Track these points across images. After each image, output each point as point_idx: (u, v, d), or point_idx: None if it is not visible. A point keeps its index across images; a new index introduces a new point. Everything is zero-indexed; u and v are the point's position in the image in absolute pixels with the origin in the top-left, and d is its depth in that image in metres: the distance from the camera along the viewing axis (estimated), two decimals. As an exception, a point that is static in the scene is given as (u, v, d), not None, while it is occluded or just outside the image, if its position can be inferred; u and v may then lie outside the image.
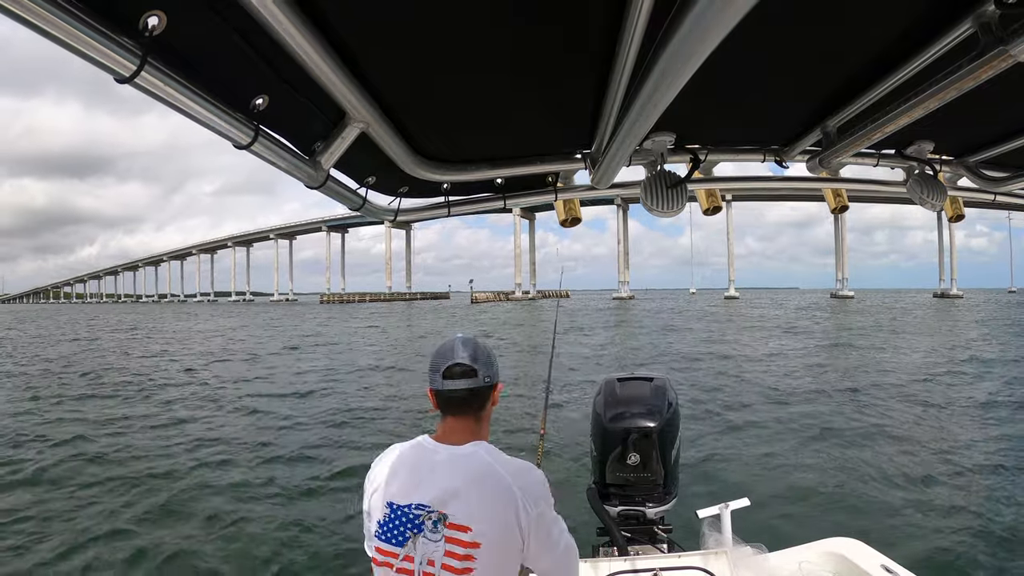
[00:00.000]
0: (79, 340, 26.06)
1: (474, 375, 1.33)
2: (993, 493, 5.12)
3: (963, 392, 9.85)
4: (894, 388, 10.12)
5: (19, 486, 5.86)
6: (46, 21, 0.74)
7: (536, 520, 1.28)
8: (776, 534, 2.85)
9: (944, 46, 1.15)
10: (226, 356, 18.50)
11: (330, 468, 6.36)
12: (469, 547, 1.24)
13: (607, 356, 16.11)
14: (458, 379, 1.33)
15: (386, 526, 1.30)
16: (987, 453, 6.29)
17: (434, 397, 1.37)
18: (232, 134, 1.14)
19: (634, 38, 0.98)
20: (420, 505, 1.28)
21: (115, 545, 4.48)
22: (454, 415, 1.36)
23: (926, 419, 7.91)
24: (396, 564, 1.28)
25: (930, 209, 1.83)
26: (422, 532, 1.26)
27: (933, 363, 13.19)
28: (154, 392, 11.60)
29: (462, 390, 1.33)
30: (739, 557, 2.24)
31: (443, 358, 1.34)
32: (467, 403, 1.35)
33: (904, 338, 20.07)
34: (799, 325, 27.16)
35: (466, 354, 1.34)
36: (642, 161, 1.69)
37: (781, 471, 5.86)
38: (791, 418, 8.02)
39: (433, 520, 1.26)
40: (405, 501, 1.30)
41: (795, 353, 15.08)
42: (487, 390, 1.36)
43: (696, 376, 11.90)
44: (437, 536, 1.25)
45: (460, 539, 1.24)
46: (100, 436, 7.81)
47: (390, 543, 1.29)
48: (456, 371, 1.33)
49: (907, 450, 6.45)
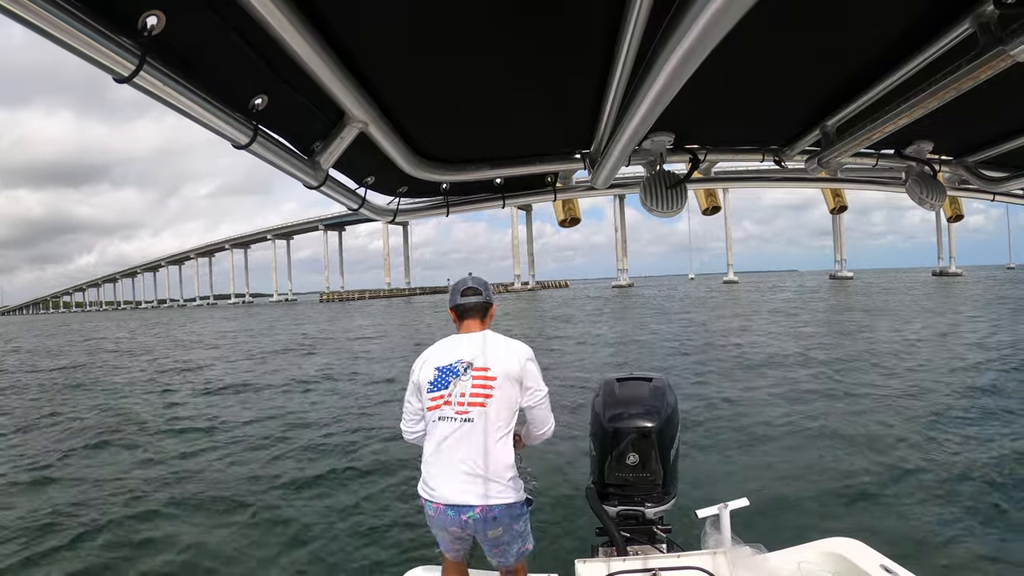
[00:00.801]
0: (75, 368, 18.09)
1: (479, 294, 2.29)
2: (995, 493, 5.13)
3: (973, 384, 9.82)
4: (898, 383, 10.12)
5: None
6: (44, 21, 0.74)
7: (525, 366, 2.14)
8: (776, 534, 2.85)
9: (943, 46, 1.15)
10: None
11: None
12: (488, 379, 2.10)
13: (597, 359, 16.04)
14: (471, 296, 2.27)
15: (436, 381, 2.12)
16: (990, 453, 6.30)
17: (454, 312, 2.30)
18: (231, 134, 1.14)
19: (634, 38, 0.98)
20: (456, 362, 2.13)
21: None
22: (470, 318, 2.26)
23: (928, 420, 7.91)
24: (443, 400, 2.09)
25: (929, 209, 1.83)
26: (457, 376, 2.10)
27: (949, 354, 13.05)
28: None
29: (473, 302, 2.27)
30: (738, 557, 2.24)
31: (461, 285, 2.31)
32: (477, 310, 2.27)
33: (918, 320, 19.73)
34: (803, 311, 27.01)
35: (473, 283, 2.30)
36: (641, 161, 1.69)
37: (781, 471, 5.86)
38: (791, 418, 8.02)
39: (464, 367, 2.12)
40: (446, 362, 2.15)
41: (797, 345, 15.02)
42: (487, 305, 2.30)
43: (696, 377, 11.91)
44: (467, 377, 2.10)
45: (482, 375, 2.10)
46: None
47: (439, 389, 2.11)
48: (469, 292, 2.28)
49: (908, 450, 6.46)
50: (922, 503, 4.93)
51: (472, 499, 2.02)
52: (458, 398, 2.07)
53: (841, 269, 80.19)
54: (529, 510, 2.21)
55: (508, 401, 2.10)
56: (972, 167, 1.98)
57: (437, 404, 2.11)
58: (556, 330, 22.71)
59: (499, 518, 2.05)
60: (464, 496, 2.03)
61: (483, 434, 2.05)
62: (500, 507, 2.04)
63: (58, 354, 23.91)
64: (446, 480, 2.06)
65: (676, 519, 2.61)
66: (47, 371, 17.70)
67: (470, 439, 2.05)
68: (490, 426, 2.06)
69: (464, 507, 2.02)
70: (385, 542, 4.51)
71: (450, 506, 2.04)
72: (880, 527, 4.35)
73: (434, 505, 2.07)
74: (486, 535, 2.09)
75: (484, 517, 2.03)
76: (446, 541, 2.18)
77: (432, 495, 2.08)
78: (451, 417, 2.08)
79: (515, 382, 2.12)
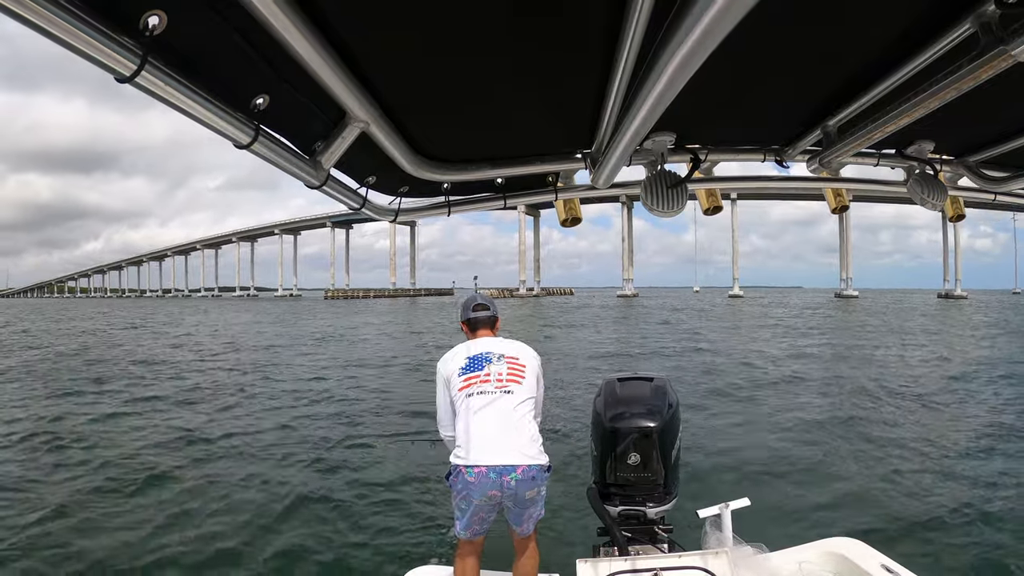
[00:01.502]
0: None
1: (488, 309, 2.65)
2: (996, 493, 5.12)
3: (976, 394, 9.81)
4: (900, 388, 10.12)
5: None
6: (47, 21, 0.74)
7: (538, 363, 2.52)
8: (776, 534, 2.84)
9: (944, 46, 1.15)
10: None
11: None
12: (519, 366, 2.44)
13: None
14: (482, 311, 2.63)
15: (468, 366, 2.41)
16: (992, 453, 6.29)
17: (467, 324, 2.65)
18: (232, 134, 1.14)
19: (634, 38, 0.98)
20: (488, 352, 2.45)
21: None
22: (482, 328, 2.61)
23: (930, 419, 7.91)
24: (479, 379, 2.37)
25: (930, 209, 1.83)
26: (491, 362, 2.41)
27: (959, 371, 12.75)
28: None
29: (485, 315, 2.63)
30: (739, 557, 2.24)
31: (471, 302, 2.69)
32: (488, 322, 2.63)
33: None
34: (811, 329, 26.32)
35: (481, 300, 2.69)
36: (642, 161, 1.69)
37: (781, 471, 5.85)
38: (793, 418, 8.02)
39: (497, 356, 2.44)
40: (477, 352, 2.46)
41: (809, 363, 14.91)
42: (495, 318, 2.66)
43: (698, 377, 11.90)
44: (501, 362, 2.42)
45: (514, 362, 2.44)
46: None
47: (472, 371, 2.39)
48: (480, 308, 2.64)
49: (908, 450, 6.45)
50: (922, 503, 4.93)
51: (515, 459, 2.23)
52: (496, 376, 2.37)
53: (847, 287, 79.61)
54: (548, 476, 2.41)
55: (531, 387, 2.42)
56: (973, 167, 1.98)
57: (471, 383, 2.36)
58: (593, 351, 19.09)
59: (537, 478, 2.26)
60: (507, 457, 2.23)
61: (517, 407, 2.33)
62: (537, 467, 2.27)
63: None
64: (487, 445, 2.25)
65: (677, 519, 2.61)
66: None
67: (508, 409, 2.31)
68: (522, 402, 2.35)
69: (507, 467, 2.22)
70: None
71: (492, 468, 2.22)
72: (880, 527, 4.35)
73: (475, 470, 2.23)
74: (524, 496, 2.25)
75: (525, 477, 2.23)
76: (477, 513, 2.28)
77: (474, 460, 2.24)
78: (490, 392, 2.34)
79: (534, 374, 2.47)
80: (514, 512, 2.32)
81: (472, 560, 2.37)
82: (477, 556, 2.40)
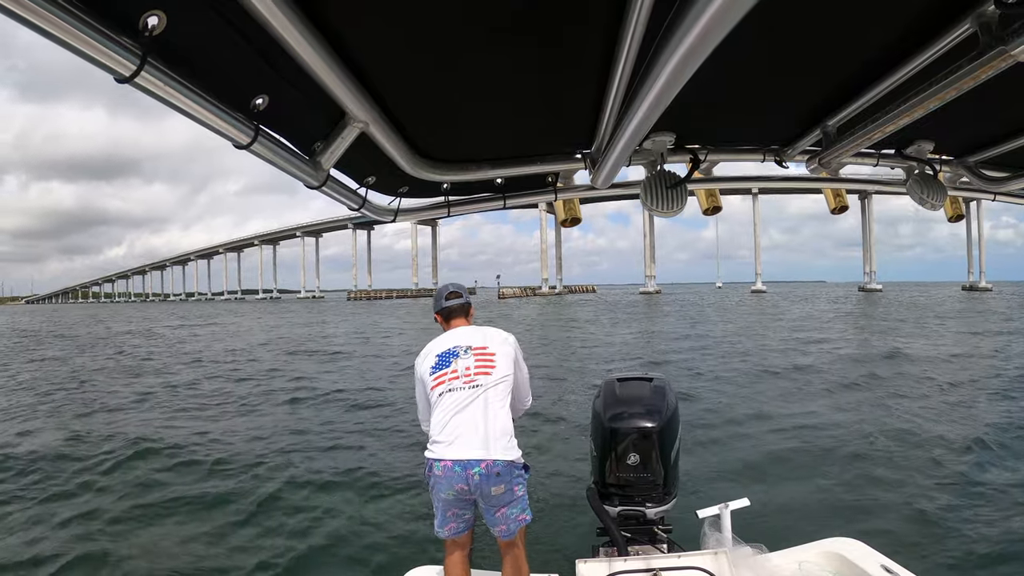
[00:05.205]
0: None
1: (460, 296, 2.62)
2: (997, 493, 5.12)
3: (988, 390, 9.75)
4: (906, 388, 10.10)
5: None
6: (46, 21, 0.74)
7: (514, 347, 2.48)
8: (776, 534, 2.84)
9: (944, 46, 1.15)
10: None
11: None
12: (488, 355, 2.39)
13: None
14: (454, 299, 2.60)
15: (437, 364, 2.39)
16: (993, 453, 6.29)
17: (440, 315, 2.62)
18: (232, 134, 1.14)
19: (634, 38, 0.97)
20: (455, 347, 2.42)
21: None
22: (456, 318, 2.58)
23: (931, 420, 7.91)
24: (447, 376, 2.34)
25: (930, 209, 1.83)
26: (458, 356, 2.38)
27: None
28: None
29: (458, 303, 2.59)
30: (739, 557, 2.24)
31: (443, 291, 2.65)
32: (461, 310, 2.60)
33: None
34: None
35: (454, 288, 2.65)
36: (642, 161, 1.69)
37: (781, 471, 5.84)
38: (793, 418, 8.01)
39: (463, 349, 2.40)
40: (444, 349, 2.43)
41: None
42: (469, 304, 2.63)
43: (698, 377, 11.88)
44: (468, 356, 2.38)
45: (482, 353, 2.40)
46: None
47: (441, 369, 2.37)
48: (452, 296, 2.61)
49: (909, 450, 6.45)
50: (923, 503, 4.92)
51: (479, 453, 2.21)
52: (463, 371, 2.35)
53: (871, 281, 78.41)
54: (527, 477, 2.34)
55: (504, 374, 2.38)
56: (973, 167, 1.98)
57: (442, 380, 2.35)
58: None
59: (502, 474, 2.22)
60: (471, 452, 2.22)
61: (486, 400, 2.30)
62: (502, 463, 2.22)
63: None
64: (454, 440, 2.25)
65: (677, 519, 2.61)
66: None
67: (475, 404, 2.29)
68: (492, 394, 2.32)
69: (471, 461, 2.20)
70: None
71: (457, 462, 2.21)
72: (880, 527, 4.35)
73: (442, 464, 2.23)
74: (489, 492, 2.23)
75: (488, 472, 2.20)
76: (449, 508, 2.27)
77: (440, 454, 2.25)
78: (459, 388, 2.32)
79: (508, 359, 2.42)
80: (487, 510, 2.29)
81: (457, 558, 2.34)
82: (464, 555, 2.37)
